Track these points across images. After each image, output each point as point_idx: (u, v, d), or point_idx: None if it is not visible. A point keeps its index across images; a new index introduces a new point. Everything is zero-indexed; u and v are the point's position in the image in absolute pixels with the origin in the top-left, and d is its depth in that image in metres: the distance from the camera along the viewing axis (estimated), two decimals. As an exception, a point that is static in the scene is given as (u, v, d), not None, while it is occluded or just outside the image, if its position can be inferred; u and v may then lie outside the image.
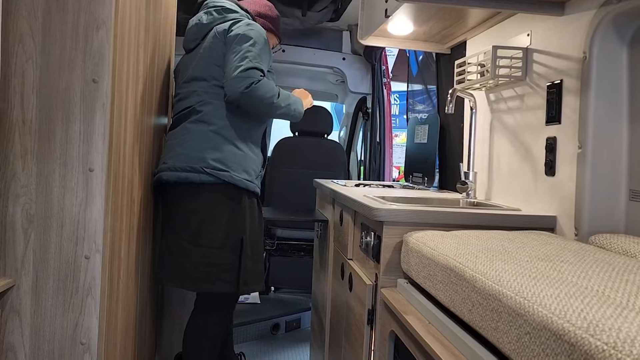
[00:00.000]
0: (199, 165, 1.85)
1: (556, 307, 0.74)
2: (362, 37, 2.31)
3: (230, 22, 1.95)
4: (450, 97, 1.88)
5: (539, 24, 1.67)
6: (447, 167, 2.49)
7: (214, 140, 1.88)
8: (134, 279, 1.77)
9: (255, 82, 1.81)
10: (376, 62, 3.98)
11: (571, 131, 1.46)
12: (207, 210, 1.87)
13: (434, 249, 1.22)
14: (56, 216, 1.35)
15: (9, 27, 1.33)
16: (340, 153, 4.09)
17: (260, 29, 1.95)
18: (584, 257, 1.04)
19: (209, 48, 1.95)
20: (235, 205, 1.90)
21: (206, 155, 1.86)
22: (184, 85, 2.00)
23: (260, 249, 2.01)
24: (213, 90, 1.93)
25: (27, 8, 1.33)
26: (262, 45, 1.91)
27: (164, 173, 1.90)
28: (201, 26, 1.99)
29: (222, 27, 1.95)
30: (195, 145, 1.88)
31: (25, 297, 1.36)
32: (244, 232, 1.91)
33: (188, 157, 1.87)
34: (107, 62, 1.36)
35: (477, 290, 0.95)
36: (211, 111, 1.90)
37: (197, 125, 1.90)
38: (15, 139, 1.33)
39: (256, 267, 1.96)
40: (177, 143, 1.91)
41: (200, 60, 1.96)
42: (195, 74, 1.97)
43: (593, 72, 1.38)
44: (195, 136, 1.89)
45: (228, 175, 1.85)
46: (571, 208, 1.44)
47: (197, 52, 1.99)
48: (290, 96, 2.02)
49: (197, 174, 1.85)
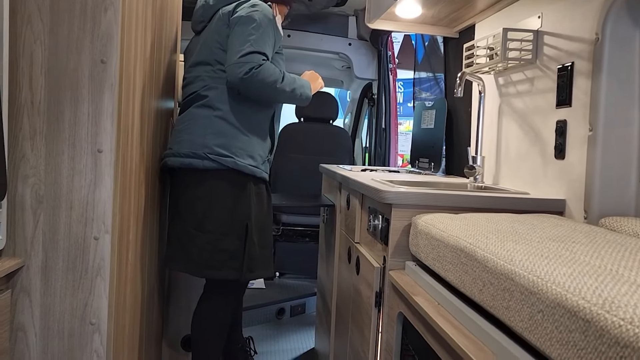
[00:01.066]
0: (202, 151, 1.83)
1: (570, 285, 0.74)
2: (369, 21, 2.30)
3: (235, 4, 1.92)
4: (459, 81, 1.87)
5: (549, 6, 1.65)
6: (454, 152, 2.48)
7: (219, 125, 1.86)
8: (142, 261, 1.78)
9: (255, 67, 1.77)
10: (382, 48, 3.96)
11: (582, 114, 1.45)
12: (212, 196, 1.86)
13: (444, 230, 1.21)
14: (65, 197, 1.35)
15: (17, 8, 1.32)
16: (346, 139, 4.08)
17: (265, 9, 1.91)
18: (595, 238, 1.03)
19: (214, 31, 1.93)
20: (240, 191, 1.88)
21: (210, 141, 1.84)
22: (190, 69, 1.99)
23: (268, 235, 2.01)
24: (217, 74, 1.90)
25: (34, -12, 1.32)
26: (266, 27, 1.86)
27: (168, 159, 1.90)
28: (207, 8, 1.97)
29: (227, 9, 1.92)
30: (199, 130, 1.86)
31: (35, 278, 1.36)
32: (249, 219, 1.90)
33: (192, 142, 1.85)
34: (115, 43, 1.35)
35: (488, 270, 0.95)
36: (216, 96, 1.88)
37: (202, 110, 1.89)
38: (24, 120, 1.33)
39: (263, 254, 1.96)
40: (182, 128, 1.91)
41: (205, 44, 1.94)
42: (200, 58, 1.95)
43: (605, 54, 1.36)
44: (200, 122, 1.88)
45: (232, 161, 1.84)
46: (581, 191, 1.44)
47: (203, 34, 1.97)
48: (297, 79, 1.97)
49: (200, 160, 1.84)
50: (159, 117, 1.97)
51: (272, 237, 2.08)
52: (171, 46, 2.14)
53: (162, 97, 2.01)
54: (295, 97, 1.96)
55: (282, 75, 1.88)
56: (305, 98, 2.00)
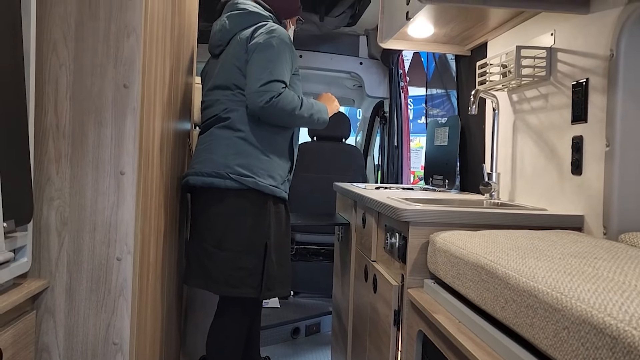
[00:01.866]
0: (224, 170, 1.86)
1: (595, 301, 0.74)
2: (382, 41, 2.33)
3: (252, 28, 1.95)
4: (473, 99, 1.88)
5: (562, 23, 1.67)
6: (469, 169, 2.49)
7: (240, 146, 1.89)
8: (161, 281, 1.80)
9: (275, 96, 1.81)
10: (393, 66, 3.99)
11: (598, 130, 1.45)
12: (232, 215, 1.89)
13: (463, 247, 1.22)
14: (89, 219, 1.38)
15: (43, 35, 1.36)
16: (358, 157, 4.10)
17: (282, 33, 1.94)
18: (617, 254, 1.03)
19: (232, 56, 1.96)
20: (260, 210, 1.91)
21: (231, 161, 1.87)
22: (209, 93, 2.02)
23: (286, 254, 2.02)
24: (237, 98, 1.94)
25: (60, 16, 1.36)
26: (284, 52, 1.90)
27: (190, 177, 1.93)
28: (225, 32, 2.00)
29: (245, 34, 1.95)
30: (221, 150, 1.90)
31: (60, 298, 1.38)
32: (268, 238, 1.92)
33: (214, 162, 1.89)
34: (137, 68, 1.39)
35: (510, 287, 0.95)
36: (237, 118, 1.92)
37: (224, 131, 1.93)
38: (49, 144, 1.37)
39: (282, 272, 1.97)
40: (204, 148, 1.94)
41: (224, 68, 1.97)
42: (218, 82, 1.98)
43: (620, 70, 1.37)
44: (222, 142, 1.91)
45: (253, 182, 1.87)
46: (599, 207, 1.44)
47: (222, 58, 2.00)
48: (314, 105, 2.01)
49: (222, 180, 1.87)
50: (177, 138, 2.01)
51: (290, 255, 2.09)
52: (188, 69, 2.18)
53: (180, 119, 2.05)
54: (313, 122, 2.00)
55: (301, 102, 1.91)
56: (322, 122, 2.04)
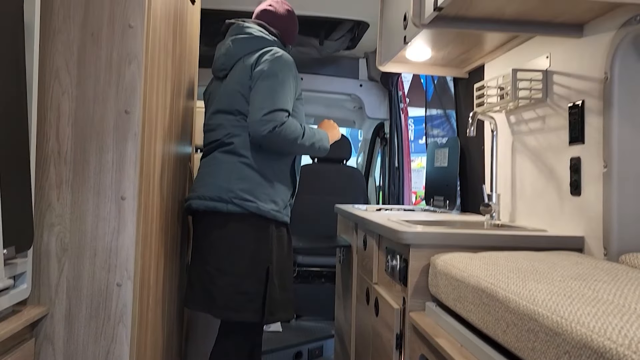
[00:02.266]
0: (227, 195, 1.87)
1: (595, 325, 0.74)
2: (380, 64, 2.35)
3: (257, 54, 1.95)
4: (471, 120, 1.90)
5: (557, 46, 1.69)
6: (469, 190, 2.49)
7: (243, 171, 1.90)
8: (162, 306, 1.79)
9: (278, 125, 1.82)
10: (393, 88, 4.03)
11: (595, 151, 1.46)
12: (234, 239, 1.89)
13: (464, 270, 1.22)
14: (89, 244, 1.38)
15: (46, 62, 1.38)
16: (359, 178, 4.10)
17: (286, 60, 1.94)
18: (618, 276, 1.03)
19: (236, 82, 1.96)
20: (262, 235, 1.91)
21: (234, 186, 1.88)
22: (212, 116, 2.03)
23: (289, 278, 2.02)
24: (240, 123, 1.94)
25: (63, 44, 1.39)
26: (287, 79, 1.90)
27: (193, 201, 1.93)
28: (230, 56, 2.00)
29: (250, 60, 1.95)
30: (224, 175, 1.91)
31: (59, 326, 1.38)
32: (270, 262, 1.91)
33: (217, 186, 1.89)
34: (138, 94, 1.41)
35: (511, 311, 0.95)
36: (240, 143, 1.92)
37: (227, 156, 1.93)
38: (51, 170, 1.38)
39: (284, 296, 1.96)
40: (207, 172, 1.95)
41: (228, 92, 1.98)
42: (221, 106, 1.99)
43: (615, 92, 1.39)
44: (225, 166, 1.92)
45: (255, 207, 1.87)
46: (599, 228, 1.43)
47: (226, 82, 2.01)
48: (316, 133, 2.01)
49: (224, 204, 1.87)
50: (178, 162, 2.02)
51: (292, 279, 2.08)
52: (188, 93, 2.20)
53: (181, 143, 2.07)
54: (314, 150, 2.02)
55: (303, 131, 1.92)
56: (323, 150, 2.06)
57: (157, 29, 1.57)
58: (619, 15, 1.40)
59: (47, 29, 1.38)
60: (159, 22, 1.58)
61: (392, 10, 2.20)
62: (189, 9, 2.11)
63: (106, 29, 1.40)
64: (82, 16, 1.39)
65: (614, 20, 1.42)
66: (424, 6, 1.56)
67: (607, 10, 1.43)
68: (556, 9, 1.45)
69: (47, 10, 1.38)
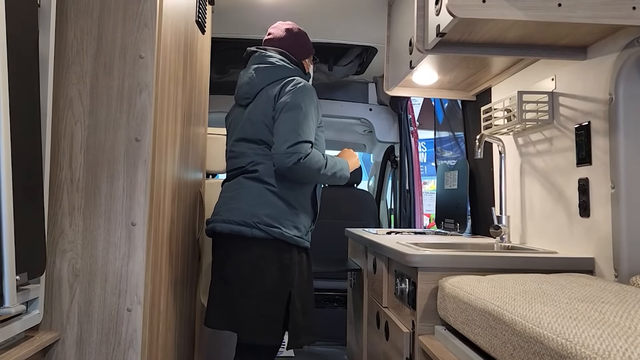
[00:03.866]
0: (252, 220, 1.90)
1: (599, 348, 0.74)
2: (388, 89, 2.38)
3: (280, 85, 1.98)
4: (478, 143, 1.90)
5: (562, 68, 1.70)
6: (479, 212, 2.49)
7: (267, 196, 1.93)
8: (173, 331, 1.80)
9: (302, 157, 1.85)
10: (402, 112, 4.05)
11: (603, 172, 1.46)
12: (258, 263, 1.91)
13: (471, 293, 1.21)
14: (100, 270, 1.40)
15: (60, 93, 1.43)
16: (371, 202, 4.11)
17: (309, 90, 1.98)
18: (626, 298, 1.02)
19: (260, 112, 1.99)
20: (286, 260, 1.93)
21: (259, 211, 1.91)
22: (236, 144, 2.06)
23: (310, 302, 2.03)
24: (263, 152, 1.98)
25: (76, 75, 1.44)
26: (310, 109, 1.94)
27: (218, 224, 1.95)
28: (253, 85, 2.03)
29: (273, 90, 1.99)
30: (249, 200, 1.94)
31: (70, 351, 1.39)
32: (292, 286, 1.93)
33: (242, 211, 1.92)
34: (149, 122, 1.44)
35: (517, 334, 0.95)
36: (264, 171, 1.96)
37: (251, 182, 1.97)
38: (64, 197, 1.41)
39: (307, 320, 1.97)
40: (233, 196, 1.98)
41: (250, 121, 2.00)
42: (245, 135, 2.02)
43: (620, 112, 1.39)
44: (250, 192, 1.95)
45: (279, 232, 1.90)
46: (609, 249, 1.42)
47: (249, 110, 2.03)
48: (337, 163, 2.04)
49: (249, 229, 1.90)
50: (189, 188, 2.05)
51: (314, 304, 2.09)
52: (199, 120, 2.25)
53: (191, 169, 2.10)
54: (336, 179, 2.05)
55: (326, 161, 1.95)
56: (344, 179, 2.09)
57: (168, 59, 1.61)
58: (621, 38, 1.42)
59: (61, 61, 1.43)
60: (169, 52, 1.62)
61: (398, 35, 2.23)
62: (199, 38, 2.17)
63: (118, 60, 1.44)
64: (95, 48, 1.44)
65: (617, 42, 1.43)
66: (427, 32, 1.59)
67: (609, 32, 1.44)
68: (558, 32, 1.47)
69: (62, 44, 1.43)
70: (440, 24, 1.45)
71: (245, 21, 2.13)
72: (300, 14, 2.72)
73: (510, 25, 1.42)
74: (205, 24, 2.26)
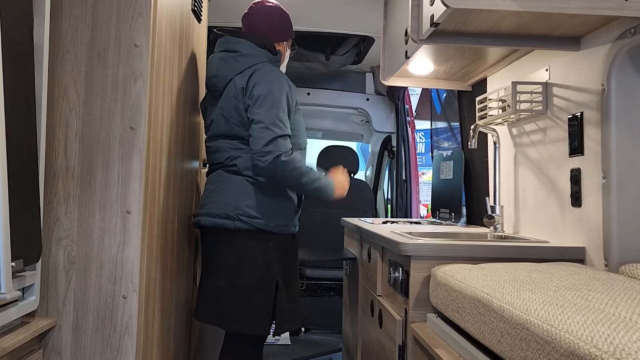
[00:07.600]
0: (234, 212, 1.90)
1: (582, 333, 0.75)
2: (384, 78, 2.39)
3: (248, 77, 1.94)
4: (472, 133, 1.91)
5: (556, 59, 1.71)
6: (474, 202, 2.50)
7: (247, 188, 1.93)
8: (168, 319, 1.82)
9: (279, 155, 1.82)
10: (399, 102, 4.06)
11: (595, 162, 1.47)
12: (242, 254, 1.92)
13: (462, 281, 1.23)
14: (96, 257, 1.41)
15: (55, 81, 1.43)
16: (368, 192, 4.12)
17: (275, 77, 1.94)
18: (613, 286, 1.04)
19: (231, 108, 1.96)
20: (269, 249, 1.94)
21: (241, 203, 1.91)
22: (211, 139, 2.04)
23: (295, 287, 2.05)
24: (239, 146, 1.97)
25: (71, 63, 1.44)
26: (281, 97, 1.90)
27: (201, 218, 1.96)
28: (220, 78, 1.98)
29: (240, 82, 1.94)
30: (230, 192, 1.94)
31: (66, 337, 1.41)
32: (278, 275, 1.94)
33: (224, 204, 1.93)
34: (143, 111, 1.45)
35: (505, 320, 0.96)
36: (242, 163, 1.95)
37: (231, 175, 1.97)
38: (59, 185, 1.42)
39: (292, 307, 1.99)
40: (214, 189, 1.98)
41: (224, 117, 1.96)
42: (220, 131, 1.99)
43: (612, 103, 1.40)
44: (230, 184, 1.95)
45: (262, 223, 1.91)
46: (599, 239, 1.44)
47: (220, 105, 2.00)
48: (322, 178, 1.99)
49: (232, 221, 1.91)
50: (184, 177, 2.05)
51: (299, 289, 2.11)
52: (195, 109, 2.25)
53: (187, 157, 2.11)
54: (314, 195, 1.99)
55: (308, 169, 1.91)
56: (324, 199, 2.02)
57: (163, 48, 1.61)
58: (614, 28, 1.42)
59: (56, 49, 1.43)
60: (164, 40, 1.63)
61: (394, 25, 2.23)
62: (195, 27, 2.16)
63: (112, 49, 1.45)
64: (90, 37, 1.44)
65: (610, 33, 1.44)
66: (422, 22, 1.59)
67: (602, 23, 1.45)
68: (551, 23, 1.47)
69: (56, 32, 1.43)
70: (434, 14, 1.46)
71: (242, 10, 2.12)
72: (297, 3, 2.71)
73: (505, 16, 1.42)
74: (201, 12, 2.25)
